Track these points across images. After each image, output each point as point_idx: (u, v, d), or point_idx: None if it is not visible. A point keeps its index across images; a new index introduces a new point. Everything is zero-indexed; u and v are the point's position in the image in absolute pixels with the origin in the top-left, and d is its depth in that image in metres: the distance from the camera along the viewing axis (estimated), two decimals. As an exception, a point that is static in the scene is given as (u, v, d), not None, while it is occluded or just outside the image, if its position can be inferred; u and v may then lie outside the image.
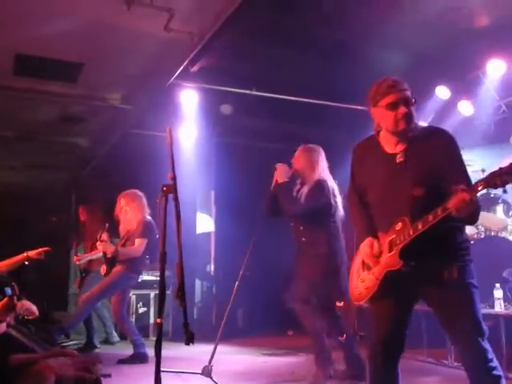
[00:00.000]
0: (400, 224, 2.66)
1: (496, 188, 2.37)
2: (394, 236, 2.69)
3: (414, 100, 2.73)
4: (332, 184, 4.64)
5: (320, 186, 4.54)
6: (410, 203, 2.65)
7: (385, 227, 2.77)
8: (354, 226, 3.03)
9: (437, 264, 2.66)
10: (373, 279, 2.78)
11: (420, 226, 2.55)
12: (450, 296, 2.66)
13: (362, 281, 2.89)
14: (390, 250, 2.70)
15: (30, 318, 3.58)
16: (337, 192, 4.64)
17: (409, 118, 2.71)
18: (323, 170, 4.68)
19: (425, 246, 2.61)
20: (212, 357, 4.44)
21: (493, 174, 2.33)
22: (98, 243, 5.71)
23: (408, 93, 2.73)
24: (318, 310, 4.55)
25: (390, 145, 2.82)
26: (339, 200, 4.63)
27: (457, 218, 2.48)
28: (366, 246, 2.83)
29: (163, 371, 2.58)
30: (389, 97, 2.70)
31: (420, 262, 2.63)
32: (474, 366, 2.65)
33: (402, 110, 2.69)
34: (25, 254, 4.56)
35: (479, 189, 2.38)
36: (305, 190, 4.56)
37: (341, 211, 4.65)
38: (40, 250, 4.66)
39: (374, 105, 2.78)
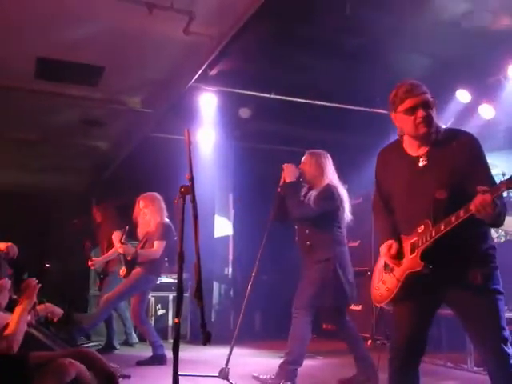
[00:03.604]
0: (422, 227, 2.64)
1: None
2: (415, 238, 2.67)
3: (433, 102, 2.70)
4: (342, 190, 4.62)
5: (330, 191, 4.53)
6: (433, 206, 2.62)
7: (408, 231, 2.74)
8: (377, 233, 3.01)
9: (460, 268, 2.62)
10: (394, 281, 2.76)
11: (442, 227, 2.52)
12: (473, 301, 2.62)
13: (383, 282, 2.87)
14: (412, 252, 2.67)
15: (55, 320, 3.62)
16: (346, 198, 4.62)
17: (428, 121, 2.68)
18: (332, 176, 4.67)
19: (448, 251, 2.58)
20: (228, 359, 4.44)
21: None
22: (119, 245, 5.75)
23: (427, 96, 2.69)
24: (324, 313, 4.55)
25: (413, 148, 2.79)
26: (347, 206, 4.62)
27: (482, 223, 2.45)
28: (384, 247, 2.80)
29: (180, 375, 2.59)
30: (407, 102, 2.68)
31: (442, 265, 2.59)
32: (496, 371, 2.62)
33: (421, 113, 2.66)
34: None
35: (501, 190, 2.35)
36: (314, 193, 4.53)
37: (348, 217, 4.64)
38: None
39: (394, 110, 2.77)
